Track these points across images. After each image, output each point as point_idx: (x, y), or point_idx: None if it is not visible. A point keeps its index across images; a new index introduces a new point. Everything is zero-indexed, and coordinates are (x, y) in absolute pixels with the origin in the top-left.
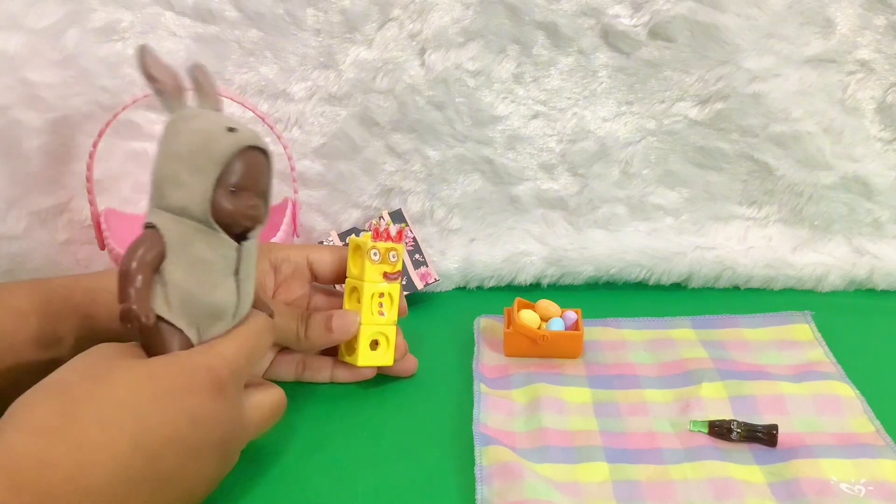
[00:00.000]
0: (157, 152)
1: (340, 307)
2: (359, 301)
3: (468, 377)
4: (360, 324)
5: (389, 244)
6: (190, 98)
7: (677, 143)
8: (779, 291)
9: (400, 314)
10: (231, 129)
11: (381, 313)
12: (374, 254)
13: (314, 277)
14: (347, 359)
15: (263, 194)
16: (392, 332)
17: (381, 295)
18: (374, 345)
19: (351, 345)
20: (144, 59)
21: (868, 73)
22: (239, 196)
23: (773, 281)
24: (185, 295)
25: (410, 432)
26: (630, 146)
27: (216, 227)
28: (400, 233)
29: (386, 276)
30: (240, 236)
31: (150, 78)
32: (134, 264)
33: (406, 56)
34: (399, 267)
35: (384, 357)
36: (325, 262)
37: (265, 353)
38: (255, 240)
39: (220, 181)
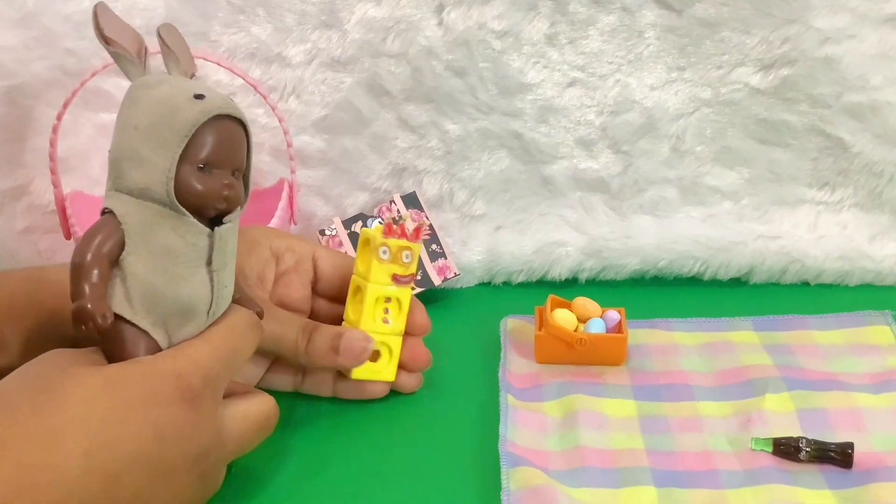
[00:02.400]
0: (116, 126)
1: (341, 320)
2: (362, 303)
3: (493, 387)
4: (371, 351)
5: (403, 242)
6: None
7: (736, 116)
8: (855, 287)
9: (417, 330)
10: (198, 96)
11: (386, 321)
12: (384, 251)
13: (316, 279)
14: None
15: (240, 171)
16: (396, 343)
17: (388, 300)
18: (375, 356)
19: None
20: (99, 19)
21: None
22: (210, 174)
23: (849, 275)
24: (150, 290)
25: (426, 452)
26: (681, 119)
27: (183, 210)
28: (417, 231)
29: (396, 278)
30: (214, 221)
31: (106, 40)
32: (88, 256)
33: (421, 14)
34: (412, 270)
35: (384, 371)
36: (331, 263)
37: (247, 355)
38: (232, 225)
39: (185, 157)
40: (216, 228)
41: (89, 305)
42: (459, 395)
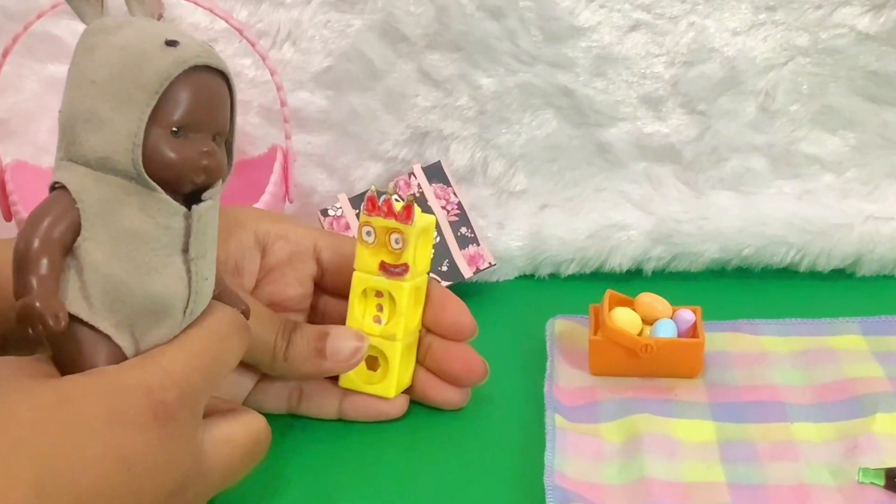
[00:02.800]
0: (68, 80)
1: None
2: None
3: (537, 405)
4: (365, 352)
5: (390, 222)
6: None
7: (840, 67)
8: None
9: (456, 332)
10: (170, 43)
11: (378, 319)
12: (367, 233)
13: (321, 274)
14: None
15: (222, 135)
16: (393, 350)
17: (380, 294)
18: (373, 363)
19: None
20: None
21: None
22: (185, 139)
23: None
24: (112, 284)
25: (454, 486)
26: (772, 71)
27: (153, 184)
28: (408, 209)
29: (385, 267)
30: (190, 198)
31: None
32: (36, 242)
33: None
34: (406, 258)
35: (382, 384)
36: (339, 253)
37: (232, 364)
38: (212, 202)
39: (155, 118)
40: (194, 207)
41: (38, 304)
42: (495, 414)
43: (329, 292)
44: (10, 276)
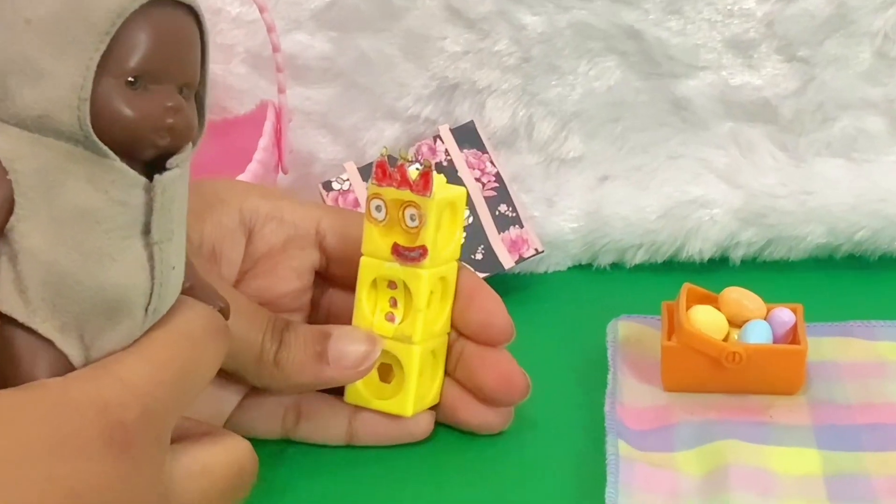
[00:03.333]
0: None
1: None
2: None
3: (596, 428)
4: (377, 357)
5: (405, 194)
6: None
7: None
8: None
9: (487, 335)
10: None
11: (391, 317)
12: (377, 207)
13: (326, 263)
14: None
15: (191, 86)
16: (409, 356)
17: (393, 284)
18: (386, 373)
19: None
20: None
21: None
22: (145, 91)
23: None
24: (55, 276)
25: None
26: (892, 7)
27: (105, 149)
28: (426, 177)
29: (398, 251)
30: (152, 166)
31: None
32: None
33: None
34: (423, 239)
35: (396, 399)
36: (346, 235)
37: (209, 375)
38: (181, 171)
39: (107, 65)
40: (156, 177)
41: None
42: (542, 441)
43: (335, 285)
44: None
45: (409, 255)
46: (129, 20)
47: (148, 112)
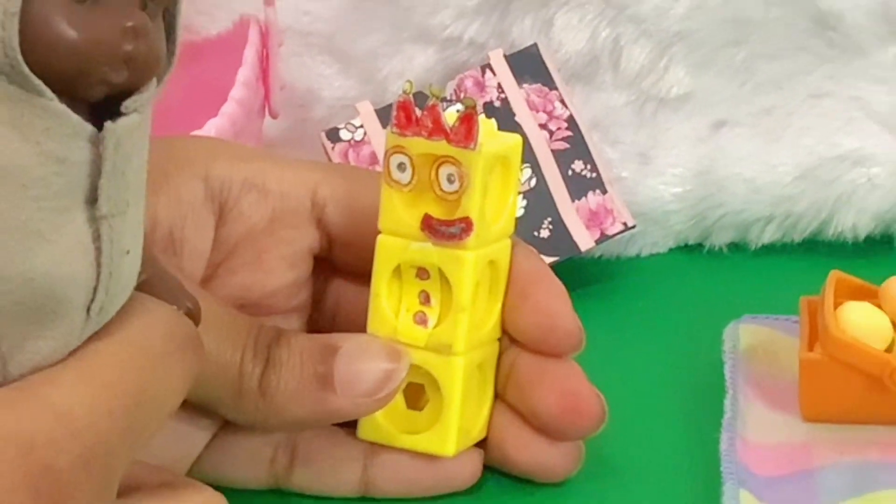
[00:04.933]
0: None
1: None
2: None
3: (709, 472)
4: (403, 378)
5: (440, 145)
6: None
7: None
8: None
9: (548, 342)
10: None
11: (422, 318)
12: (400, 165)
13: (328, 244)
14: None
15: (159, 1)
16: (451, 373)
17: (423, 273)
18: (416, 396)
19: None
20: None
21: None
22: (96, 5)
23: None
24: None
25: None
26: None
27: (38, 84)
28: (469, 121)
29: (430, 226)
30: (103, 109)
31: None
32: None
33: None
34: (467, 210)
35: (433, 432)
36: (357, 204)
37: (172, 402)
38: (141, 117)
39: None
40: (107, 125)
41: None
42: (633, 489)
43: (343, 275)
44: None
45: (447, 230)
46: None
47: (99, 34)
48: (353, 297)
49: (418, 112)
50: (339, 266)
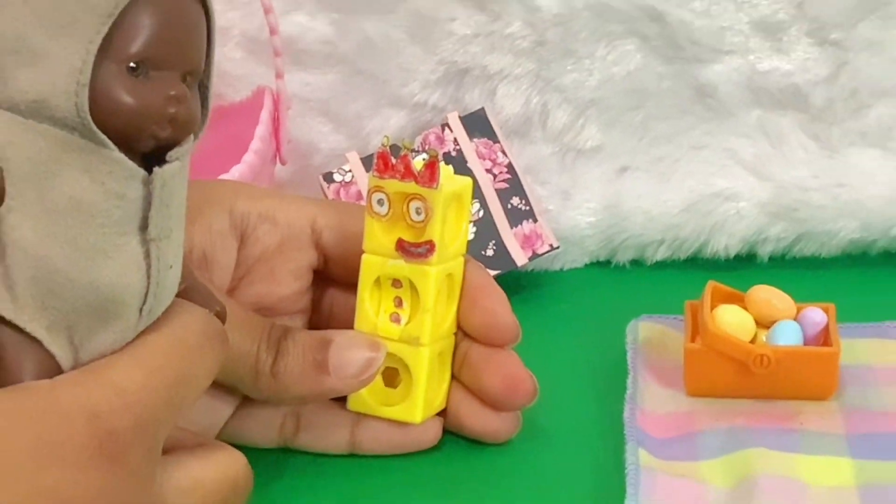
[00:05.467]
0: None
1: None
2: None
3: (615, 436)
4: (381, 363)
5: (410, 186)
6: None
7: None
8: None
9: (491, 335)
10: None
11: (397, 318)
12: (379, 201)
13: (324, 262)
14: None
15: (195, 75)
16: (418, 360)
17: (397, 283)
18: (392, 377)
19: None
20: None
21: None
22: (147, 78)
23: None
24: (45, 271)
25: None
26: None
27: (103, 138)
28: (432, 167)
29: (403, 247)
30: (152, 157)
31: None
32: None
33: None
34: (430, 234)
35: (404, 405)
36: (344, 232)
37: (203, 385)
38: (182, 164)
39: (108, 49)
40: (156, 170)
41: None
42: (556, 450)
43: (336, 284)
44: None
45: (416, 250)
46: (132, 2)
47: (149, 101)
48: (343, 302)
49: (394, 160)
50: (333, 278)
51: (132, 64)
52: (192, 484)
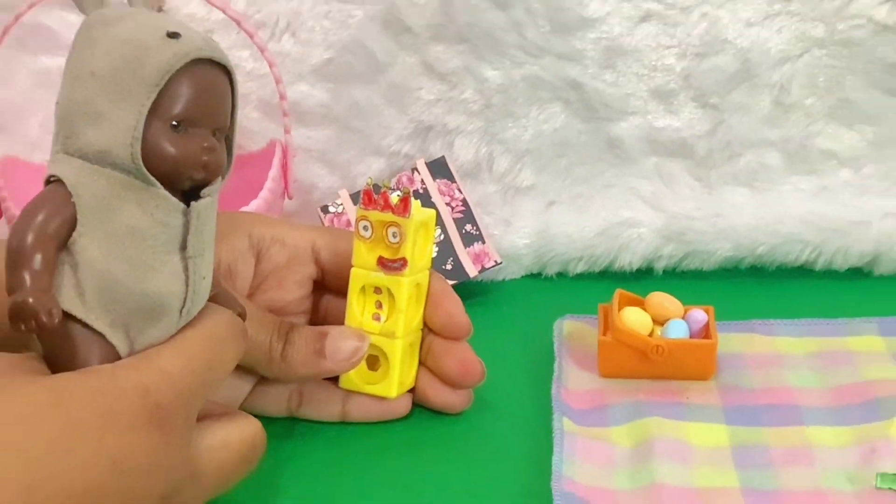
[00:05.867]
0: (65, 72)
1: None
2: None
3: (545, 408)
4: (366, 351)
5: (388, 216)
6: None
7: (857, 59)
8: None
9: (450, 330)
10: (172, 35)
11: (377, 316)
12: (364, 227)
13: (322, 274)
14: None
15: (223, 130)
16: (393, 349)
17: (378, 290)
18: (374, 363)
19: None
20: None
21: None
22: (186, 133)
23: None
24: (108, 282)
25: (459, 492)
26: (787, 63)
27: (152, 179)
28: (405, 202)
29: (383, 263)
30: (189, 194)
31: None
32: (29, 237)
33: None
34: (403, 253)
35: (383, 384)
36: (336, 251)
37: (229, 367)
38: (212, 199)
39: (156, 111)
40: (192, 204)
41: (31, 300)
42: (500, 418)
43: (330, 291)
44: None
45: (392, 265)
46: (175, 75)
47: (187, 151)
48: (335, 304)
49: (376, 196)
50: (328, 287)
51: (174, 123)
52: (219, 444)
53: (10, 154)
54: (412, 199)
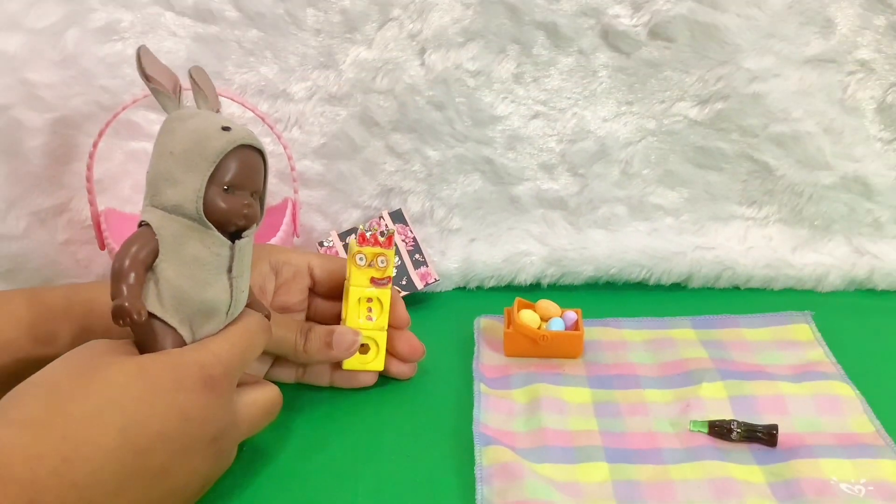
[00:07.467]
0: (153, 151)
1: (340, 317)
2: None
3: (468, 377)
4: (360, 343)
5: (378, 249)
6: (188, 99)
7: (677, 143)
8: (779, 291)
9: (399, 322)
10: (225, 128)
11: (370, 318)
12: (360, 258)
13: (314, 284)
14: (345, 363)
15: (258, 193)
16: (382, 337)
17: (370, 300)
18: (365, 349)
19: None
20: (142, 60)
21: (868, 73)
22: (232, 194)
23: (773, 281)
24: (178, 292)
25: (410, 433)
26: (630, 146)
27: (209, 225)
28: (389, 239)
29: (374, 281)
30: (234, 235)
31: (148, 78)
32: (127, 261)
33: (406, 56)
34: (389, 272)
35: (374, 362)
36: (325, 269)
37: (258, 352)
38: (249, 238)
39: (213, 179)
40: (236, 241)
41: (127, 304)
42: (439, 384)
43: (320, 297)
44: (108, 301)
45: (381, 283)
46: (226, 155)
47: (234, 207)
48: (322, 306)
49: (367, 235)
50: (319, 294)
51: (225, 187)
52: (251, 401)
53: (110, 206)
54: (395, 236)
